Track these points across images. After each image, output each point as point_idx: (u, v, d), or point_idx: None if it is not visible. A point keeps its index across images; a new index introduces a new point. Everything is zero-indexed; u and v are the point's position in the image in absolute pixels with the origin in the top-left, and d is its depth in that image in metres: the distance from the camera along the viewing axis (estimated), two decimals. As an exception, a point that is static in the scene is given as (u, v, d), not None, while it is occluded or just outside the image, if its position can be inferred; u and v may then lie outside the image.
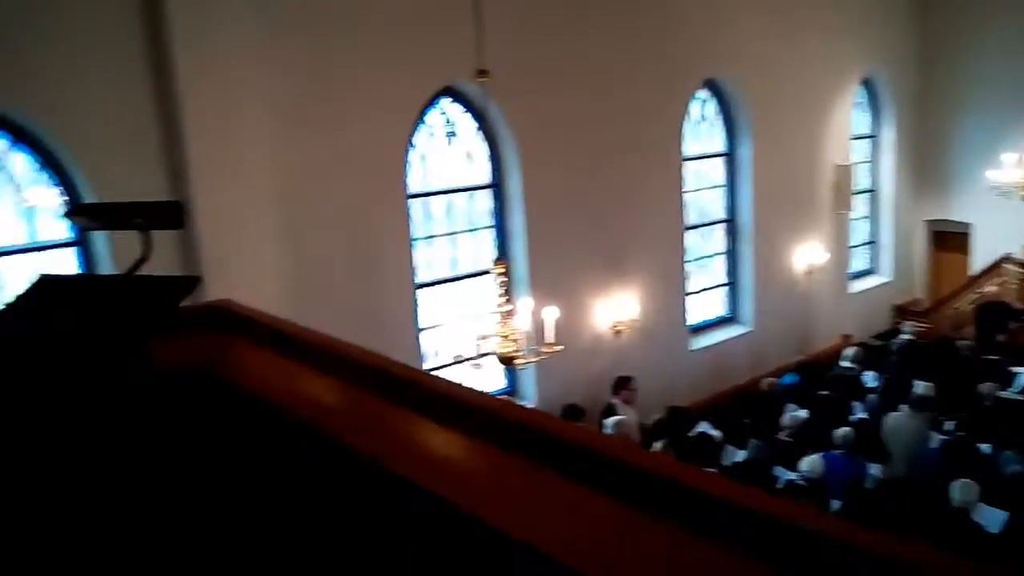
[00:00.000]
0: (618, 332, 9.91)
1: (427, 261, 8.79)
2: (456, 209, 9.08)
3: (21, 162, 6.52)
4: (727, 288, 11.82)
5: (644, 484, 1.47)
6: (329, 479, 2.08)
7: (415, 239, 8.52)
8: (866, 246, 14.12)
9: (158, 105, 6.58)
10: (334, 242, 7.64)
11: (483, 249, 9.20)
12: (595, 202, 9.47)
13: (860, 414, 8.61)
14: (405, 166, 8.26)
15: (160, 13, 6.38)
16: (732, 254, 11.71)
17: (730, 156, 11.46)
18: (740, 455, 7.69)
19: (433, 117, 8.64)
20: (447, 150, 8.85)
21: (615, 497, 1.49)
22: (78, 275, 2.09)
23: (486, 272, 8.90)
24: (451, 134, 8.86)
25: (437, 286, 8.87)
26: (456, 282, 9.06)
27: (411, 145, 8.35)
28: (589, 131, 9.21)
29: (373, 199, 7.88)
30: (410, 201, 8.40)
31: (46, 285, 2.06)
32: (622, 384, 8.92)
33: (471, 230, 9.19)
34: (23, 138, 6.43)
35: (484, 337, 6.37)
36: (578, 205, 9.31)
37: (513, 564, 1.48)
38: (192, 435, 2.28)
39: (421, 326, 8.55)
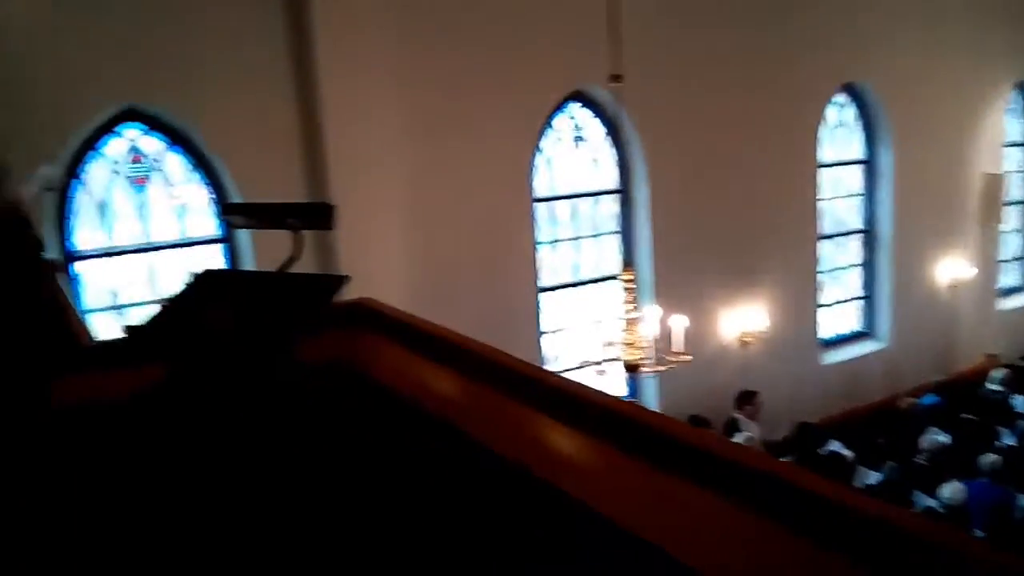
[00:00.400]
0: (745, 343, 9.63)
1: (551, 265, 8.79)
2: (581, 214, 9.05)
3: (175, 162, 6.96)
4: (863, 302, 11.26)
5: (782, 496, 1.41)
6: (452, 468, 2.11)
7: (539, 243, 8.55)
8: (1018, 261, 13.16)
9: (300, 108, 6.90)
10: (460, 244, 7.77)
11: (607, 254, 9.13)
12: (724, 208, 9.23)
13: (1008, 440, 8.04)
14: (531, 170, 8.31)
15: (305, 21, 6.69)
16: (869, 266, 11.14)
17: (869, 163, 10.92)
18: (874, 477, 7.32)
19: (561, 121, 8.65)
20: (574, 155, 8.84)
21: (747, 504, 1.44)
22: (237, 271, 2.20)
23: (610, 278, 8.87)
24: (579, 139, 8.85)
25: (560, 290, 8.86)
26: (579, 287, 9.02)
27: (538, 149, 8.39)
28: (720, 135, 8.99)
29: (499, 202, 7.97)
30: (535, 205, 8.43)
31: (209, 278, 2.19)
32: (746, 398, 8.66)
33: (595, 235, 9.13)
34: (178, 139, 6.88)
35: (609, 343, 6.31)
36: (706, 211, 9.10)
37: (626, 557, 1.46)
38: (331, 425, 2.36)
39: (543, 330, 8.57)
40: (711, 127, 8.93)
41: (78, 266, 6.64)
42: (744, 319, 9.60)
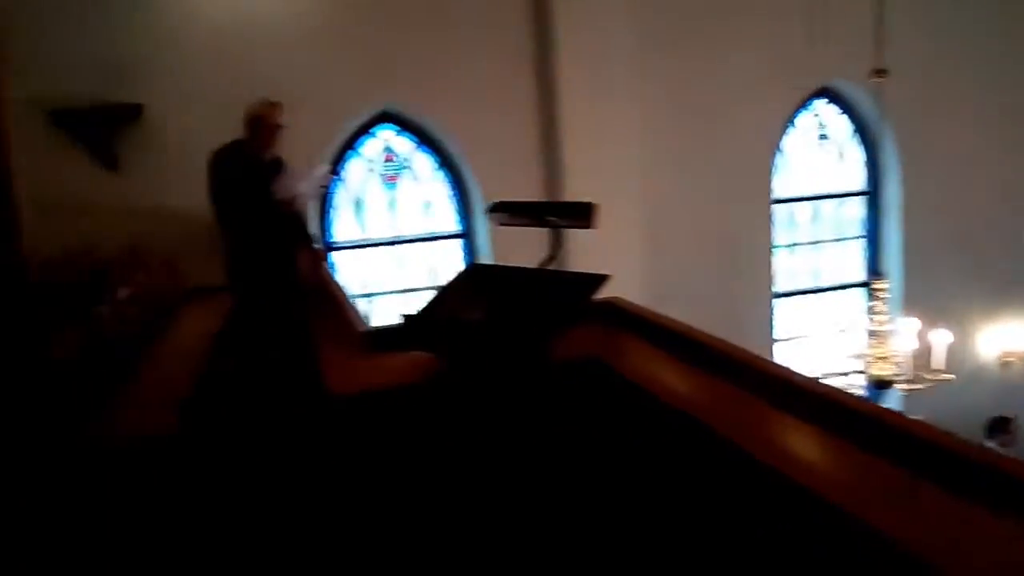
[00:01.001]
0: (1006, 364, 8.65)
1: (788, 270, 8.38)
2: (823, 216, 8.56)
3: (423, 161, 7.39)
4: None
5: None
6: (701, 464, 2.06)
7: (776, 246, 8.18)
8: None
9: (540, 110, 7.08)
10: (693, 244, 7.62)
11: (850, 261, 8.57)
12: (988, 214, 8.35)
13: None
14: (771, 170, 7.97)
15: (547, 22, 6.85)
16: None
17: None
18: None
19: (805, 119, 8.23)
20: (817, 154, 8.38)
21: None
22: (502, 266, 2.28)
23: (851, 285, 8.33)
24: (823, 137, 8.37)
25: (797, 297, 8.43)
26: (818, 294, 8.54)
27: (779, 149, 8.03)
28: (987, 133, 8.14)
29: (736, 202, 7.72)
30: (774, 206, 8.08)
31: (476, 272, 2.29)
32: (1001, 425, 7.73)
33: (838, 240, 8.59)
34: (426, 140, 7.31)
35: (857, 356, 5.90)
36: (966, 216, 8.28)
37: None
38: (584, 422, 2.39)
39: (777, 337, 8.20)
40: (978, 124, 8.10)
41: (334, 256, 7.25)
42: (1007, 337, 8.63)
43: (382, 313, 7.28)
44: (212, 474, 2.47)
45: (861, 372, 6.07)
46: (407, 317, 2.18)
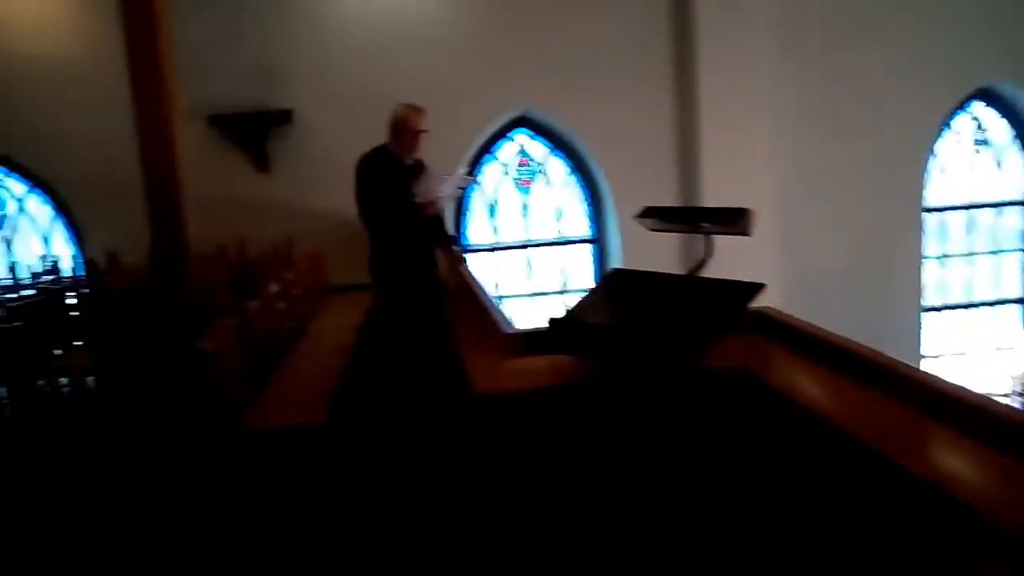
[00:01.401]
0: None
1: (939, 282, 7.90)
2: (978, 226, 8.02)
3: (557, 166, 7.41)
4: None
5: None
6: (849, 479, 1.96)
7: (926, 257, 7.72)
8: None
9: (677, 117, 6.98)
10: (836, 253, 7.30)
11: (1008, 274, 7.99)
12: None
13: None
14: (923, 177, 7.53)
15: (687, 29, 6.74)
16: None
17: None
18: None
19: (962, 122, 7.73)
20: (974, 160, 7.86)
21: None
22: (646, 272, 2.25)
23: (1010, 301, 7.78)
24: (982, 142, 7.84)
25: (948, 311, 7.93)
26: (971, 309, 8.01)
27: (931, 154, 7.58)
28: None
29: (883, 210, 7.34)
30: (925, 215, 7.63)
31: (619, 278, 2.26)
32: None
33: (995, 252, 8.03)
34: (560, 144, 7.32)
35: (1017, 377, 5.50)
36: None
37: None
38: (734, 431, 2.32)
39: (925, 353, 7.73)
40: None
41: (468, 258, 7.38)
42: None
43: (513, 316, 7.35)
44: (360, 463, 2.54)
45: (1021, 395, 5.65)
46: (553, 320, 2.18)
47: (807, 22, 7.03)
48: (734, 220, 2.21)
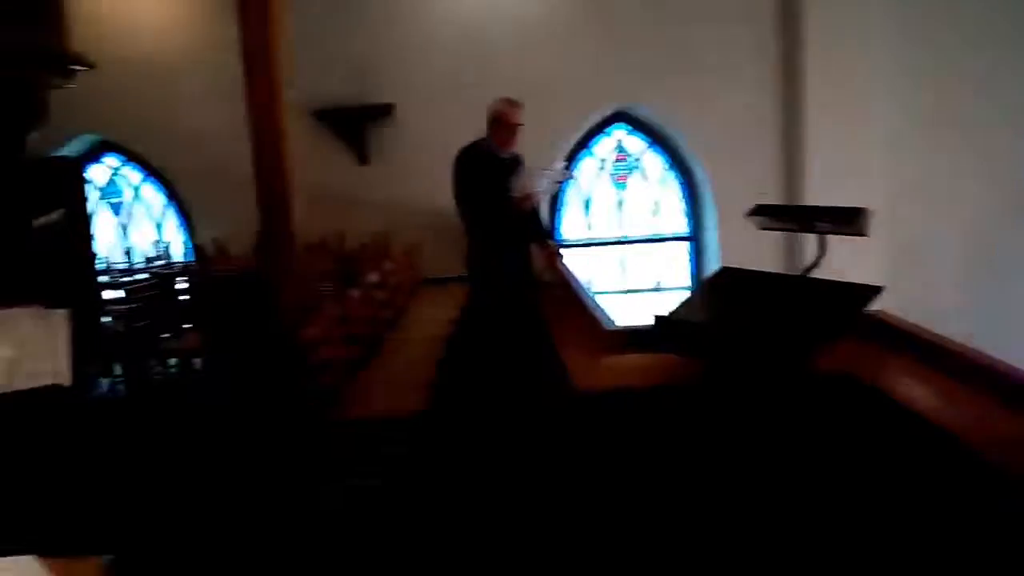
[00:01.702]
0: None
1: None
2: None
3: (654, 161, 7.31)
4: None
5: None
6: (968, 498, 1.86)
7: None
8: None
9: (782, 114, 6.77)
10: (942, 262, 6.93)
11: None
12: None
13: None
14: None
15: (796, 24, 6.55)
16: None
17: None
18: None
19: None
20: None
21: None
22: (756, 271, 2.18)
23: None
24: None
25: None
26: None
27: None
28: None
29: (1002, 213, 6.93)
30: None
31: (727, 277, 2.21)
32: None
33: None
34: (658, 140, 7.22)
35: None
36: None
37: None
38: (844, 438, 2.23)
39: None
40: None
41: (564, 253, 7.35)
42: None
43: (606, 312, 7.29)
44: (459, 453, 2.57)
45: None
46: (659, 318, 2.14)
47: (918, 21, 6.71)
48: (851, 219, 2.12)
